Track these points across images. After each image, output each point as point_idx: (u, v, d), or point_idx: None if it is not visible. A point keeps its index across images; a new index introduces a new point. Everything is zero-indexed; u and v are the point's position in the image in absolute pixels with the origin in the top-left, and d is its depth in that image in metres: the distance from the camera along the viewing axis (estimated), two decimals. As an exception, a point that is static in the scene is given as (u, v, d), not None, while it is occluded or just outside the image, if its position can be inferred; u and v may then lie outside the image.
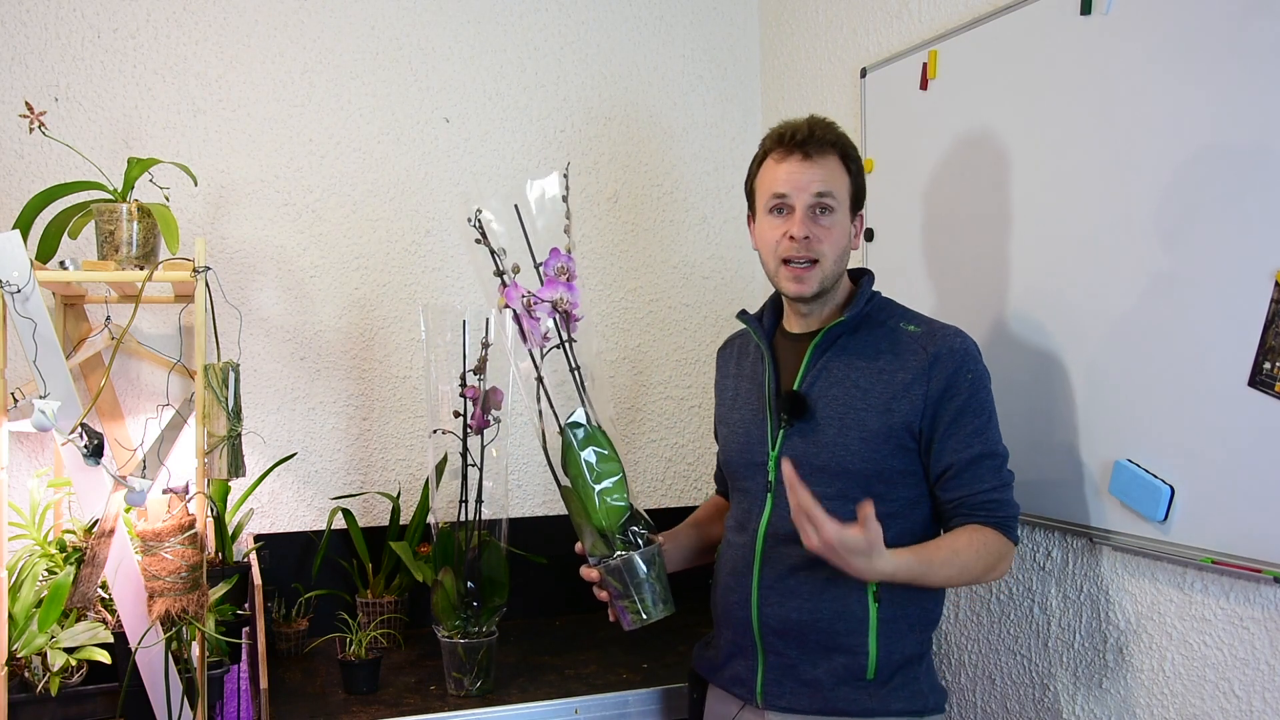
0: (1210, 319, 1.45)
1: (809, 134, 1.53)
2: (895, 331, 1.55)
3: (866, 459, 1.50)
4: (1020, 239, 1.79)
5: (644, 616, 1.56)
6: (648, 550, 1.57)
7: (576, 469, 1.59)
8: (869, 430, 1.50)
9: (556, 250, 1.63)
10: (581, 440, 1.60)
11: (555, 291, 1.62)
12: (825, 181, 1.52)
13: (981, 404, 1.51)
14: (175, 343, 2.19)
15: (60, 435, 1.64)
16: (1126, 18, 1.58)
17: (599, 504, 1.58)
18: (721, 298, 2.70)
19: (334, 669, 2.01)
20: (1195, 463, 1.47)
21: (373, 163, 2.40)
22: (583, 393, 1.63)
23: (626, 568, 1.56)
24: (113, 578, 1.74)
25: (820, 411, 1.53)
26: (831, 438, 1.51)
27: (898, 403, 1.49)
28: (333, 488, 2.36)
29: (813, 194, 1.52)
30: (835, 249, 1.54)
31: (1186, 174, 1.48)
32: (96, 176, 1.88)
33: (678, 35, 2.67)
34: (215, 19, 2.28)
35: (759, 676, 1.56)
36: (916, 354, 1.51)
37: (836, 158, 1.55)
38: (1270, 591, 1.40)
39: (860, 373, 1.53)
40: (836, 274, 1.56)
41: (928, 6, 2.05)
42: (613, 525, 1.58)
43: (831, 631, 1.50)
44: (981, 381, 1.52)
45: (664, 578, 1.59)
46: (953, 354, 1.50)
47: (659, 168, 2.65)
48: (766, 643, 1.55)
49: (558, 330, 1.63)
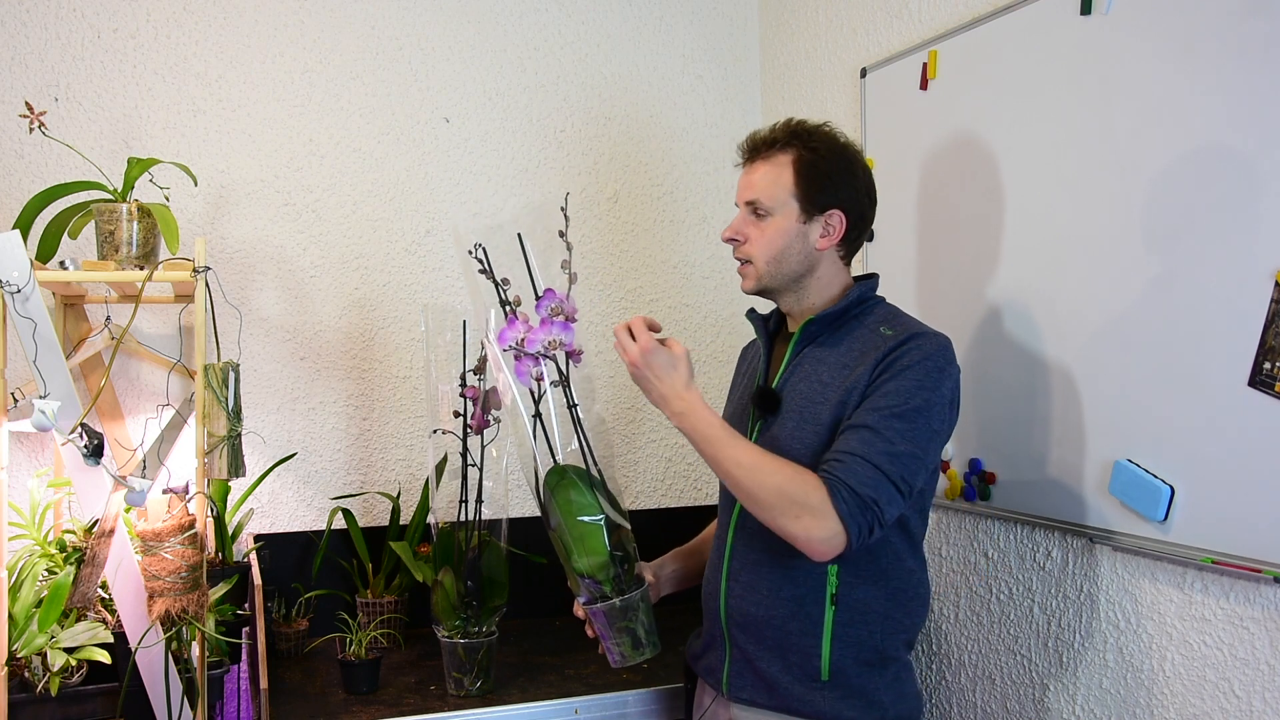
0: (1210, 319, 1.45)
1: (751, 141, 1.59)
2: (871, 331, 1.52)
3: (817, 452, 1.46)
4: (1020, 239, 1.79)
5: (627, 657, 1.58)
6: (630, 596, 1.56)
7: (558, 516, 1.58)
8: (821, 424, 1.48)
9: (551, 291, 1.59)
10: (563, 489, 1.58)
11: (549, 333, 1.58)
12: (754, 187, 1.56)
13: (907, 391, 1.41)
14: (175, 343, 2.19)
15: (60, 435, 1.64)
16: (1126, 18, 1.58)
17: (581, 551, 1.57)
18: (721, 298, 2.70)
19: (334, 669, 2.02)
20: (1195, 463, 1.47)
21: (373, 163, 2.40)
22: (580, 430, 1.60)
23: (608, 613, 1.56)
24: (113, 578, 1.74)
25: (785, 405, 1.54)
26: (790, 431, 1.51)
27: (850, 395, 1.46)
28: (333, 488, 2.36)
29: (744, 200, 1.57)
30: (765, 249, 1.54)
31: (1186, 174, 1.48)
32: (96, 176, 1.88)
33: (678, 35, 2.67)
34: (215, 19, 2.28)
35: (725, 668, 1.58)
36: (878, 347, 1.48)
37: (782, 156, 1.54)
38: (1270, 591, 1.40)
39: (826, 367, 1.52)
40: (773, 273, 1.55)
41: (928, 6, 2.05)
42: (596, 571, 1.57)
43: (785, 630, 1.50)
44: (924, 375, 1.43)
45: (649, 619, 1.59)
46: (906, 345, 1.45)
47: (659, 168, 2.65)
48: (731, 635, 1.57)
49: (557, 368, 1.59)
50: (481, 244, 1.63)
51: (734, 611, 1.55)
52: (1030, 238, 1.76)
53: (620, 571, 1.57)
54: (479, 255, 1.63)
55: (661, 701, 1.89)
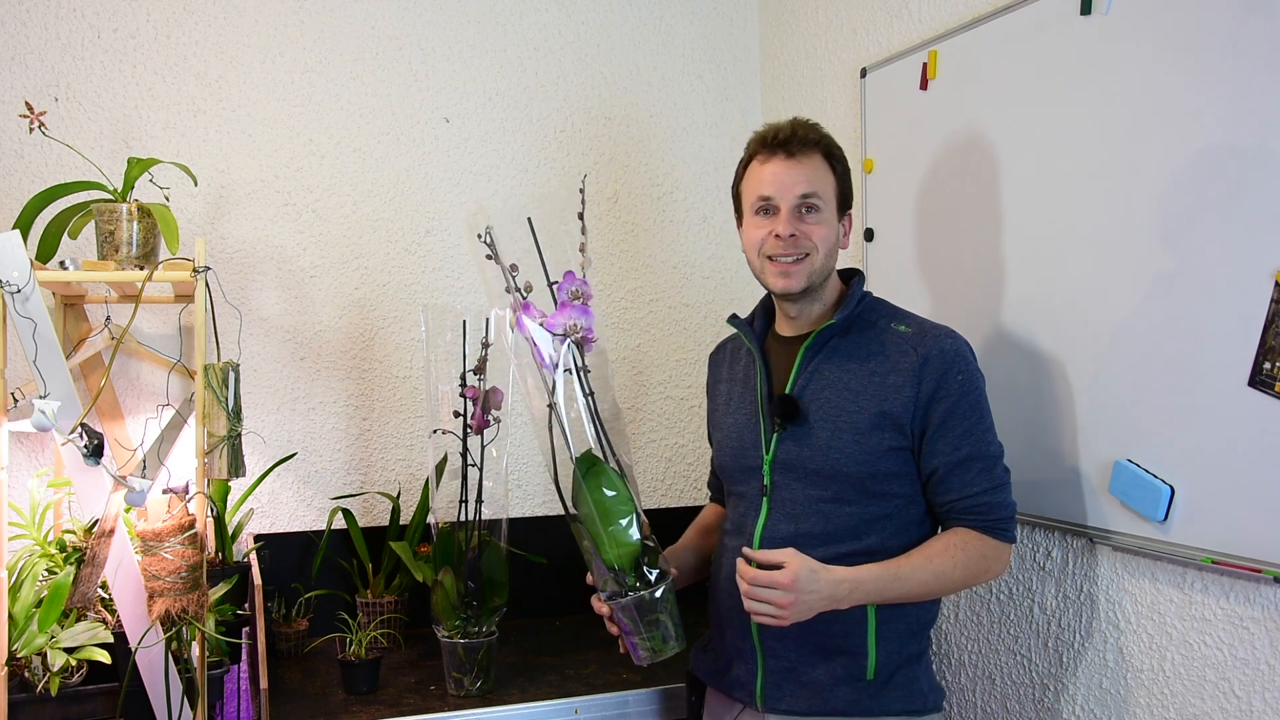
0: (1210, 319, 1.45)
1: (791, 134, 1.54)
2: (886, 332, 1.54)
3: (860, 461, 1.49)
4: (1020, 239, 1.79)
5: (656, 652, 1.53)
6: (659, 588, 1.53)
7: (588, 506, 1.53)
8: (861, 432, 1.49)
9: (571, 274, 1.57)
10: (594, 476, 1.54)
11: (569, 317, 1.55)
12: (810, 181, 1.53)
13: (972, 405, 1.50)
14: (175, 343, 2.19)
15: (60, 435, 1.64)
16: (1126, 18, 1.58)
17: (611, 542, 1.53)
18: (721, 298, 2.70)
19: (334, 669, 2.01)
20: (1195, 463, 1.47)
21: (373, 163, 2.40)
22: (598, 423, 1.57)
23: (639, 605, 1.52)
24: (113, 578, 1.74)
25: (813, 414, 1.53)
26: (825, 440, 1.51)
27: (889, 404, 1.49)
28: (333, 488, 2.36)
29: (798, 195, 1.53)
30: (824, 244, 1.54)
31: (1186, 174, 1.48)
32: (96, 176, 1.88)
33: (678, 35, 2.67)
34: (215, 19, 2.28)
35: (759, 680, 1.55)
36: (907, 355, 1.50)
37: (820, 157, 1.55)
38: (1270, 591, 1.40)
39: (852, 375, 1.52)
40: (825, 270, 1.56)
41: (928, 6, 2.05)
42: (625, 563, 1.53)
43: (830, 634, 1.50)
44: (972, 383, 1.50)
45: (676, 613, 1.55)
46: (943, 355, 1.49)
47: (659, 168, 2.65)
48: (766, 646, 1.55)
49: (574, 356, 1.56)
50: (490, 228, 1.60)
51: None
52: (1030, 238, 1.76)
53: (647, 563, 1.54)
54: (487, 239, 1.60)
55: (661, 701, 1.89)
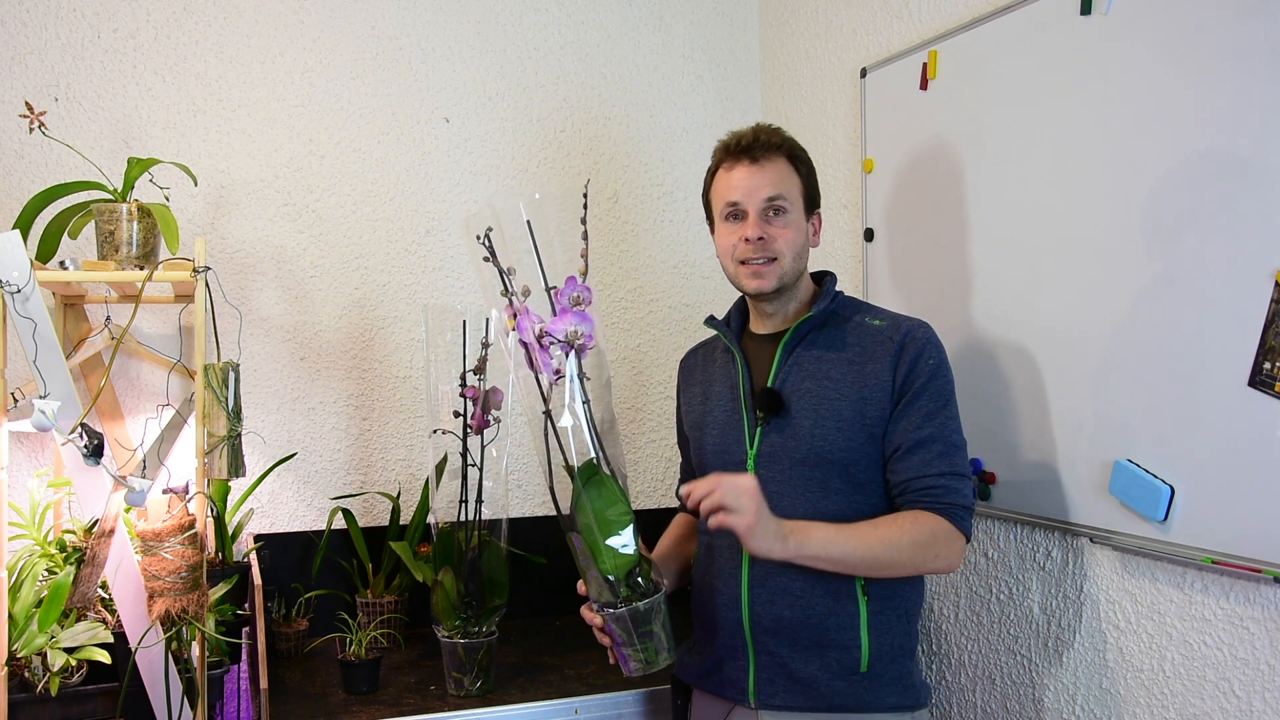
0: (1210, 319, 1.45)
1: (754, 140, 1.58)
2: (861, 326, 1.59)
3: (844, 448, 1.52)
4: (1020, 239, 1.79)
5: (649, 664, 1.52)
6: (654, 599, 1.52)
7: (587, 516, 1.52)
8: (844, 419, 1.52)
9: (573, 279, 1.56)
10: (594, 486, 1.53)
11: (569, 324, 1.53)
12: (775, 185, 1.57)
13: (940, 389, 1.52)
14: (175, 343, 2.19)
15: (60, 435, 1.64)
16: (1126, 18, 1.58)
17: (609, 553, 1.51)
18: (721, 298, 2.69)
19: (334, 669, 2.01)
20: (1195, 463, 1.47)
21: (373, 163, 2.40)
22: (594, 431, 1.55)
23: (633, 616, 1.51)
24: (113, 578, 1.74)
25: (795, 405, 1.55)
26: (808, 429, 1.53)
27: (869, 390, 1.52)
28: (333, 488, 2.36)
29: (763, 198, 1.57)
30: (791, 246, 1.58)
31: (1186, 174, 1.48)
32: (96, 176, 1.88)
33: (678, 35, 2.67)
34: (215, 19, 2.28)
35: (751, 677, 1.56)
36: (883, 343, 1.55)
37: (784, 160, 1.59)
38: (1270, 591, 1.40)
39: (831, 364, 1.56)
40: (795, 271, 1.60)
41: (928, 6, 2.05)
42: (620, 574, 1.52)
43: (824, 627, 1.51)
44: (942, 370, 1.54)
45: (668, 625, 1.54)
46: (917, 341, 1.54)
47: (659, 168, 2.65)
48: (758, 642, 1.55)
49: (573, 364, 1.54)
50: (489, 230, 1.59)
51: (762, 618, 1.54)
52: (1030, 238, 1.76)
53: (640, 575, 1.53)
54: (484, 241, 1.59)
55: (661, 702, 1.89)
